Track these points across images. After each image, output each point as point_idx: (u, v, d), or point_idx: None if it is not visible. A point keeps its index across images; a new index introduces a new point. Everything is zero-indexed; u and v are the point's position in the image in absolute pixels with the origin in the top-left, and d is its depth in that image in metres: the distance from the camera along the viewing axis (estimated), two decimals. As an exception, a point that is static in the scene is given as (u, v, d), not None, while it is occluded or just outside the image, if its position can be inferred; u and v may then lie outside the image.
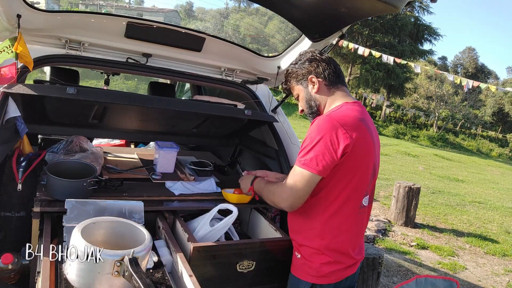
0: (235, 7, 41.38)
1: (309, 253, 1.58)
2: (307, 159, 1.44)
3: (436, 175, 11.93)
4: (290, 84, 1.70)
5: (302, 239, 1.60)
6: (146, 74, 2.25)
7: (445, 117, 29.13)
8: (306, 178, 1.45)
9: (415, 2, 17.66)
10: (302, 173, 1.46)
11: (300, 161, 1.46)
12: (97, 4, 29.45)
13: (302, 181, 1.46)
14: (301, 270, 1.61)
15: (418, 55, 28.30)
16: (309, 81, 1.62)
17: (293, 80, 1.68)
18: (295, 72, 1.66)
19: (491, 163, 20.68)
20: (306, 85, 1.64)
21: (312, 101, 1.63)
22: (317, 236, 1.56)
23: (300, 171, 1.46)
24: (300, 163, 1.46)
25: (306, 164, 1.44)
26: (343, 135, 1.43)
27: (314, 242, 1.57)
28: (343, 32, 1.88)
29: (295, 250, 1.65)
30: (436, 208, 7.42)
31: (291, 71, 1.68)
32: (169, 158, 2.24)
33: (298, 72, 1.65)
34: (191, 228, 1.74)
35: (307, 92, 1.64)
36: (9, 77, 1.67)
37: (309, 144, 1.45)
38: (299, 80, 1.66)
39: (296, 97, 1.70)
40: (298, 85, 1.67)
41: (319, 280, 1.57)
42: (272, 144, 2.35)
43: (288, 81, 1.71)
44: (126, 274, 1.11)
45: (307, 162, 1.44)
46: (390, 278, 3.95)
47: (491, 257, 5.18)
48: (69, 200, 1.54)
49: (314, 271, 1.57)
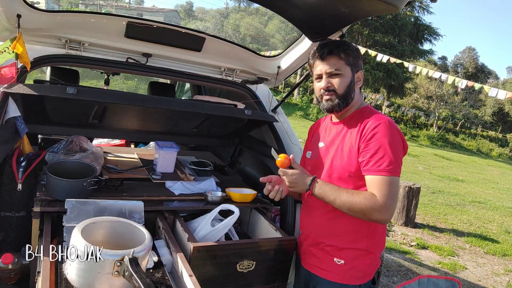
0: (235, 7, 41.38)
1: (354, 256, 1.55)
2: (394, 166, 1.43)
3: (436, 175, 11.93)
4: (344, 59, 1.54)
5: (345, 242, 1.55)
6: (146, 74, 2.24)
7: (445, 117, 29.12)
8: (397, 185, 1.46)
9: (415, 2, 17.67)
10: (395, 180, 1.44)
11: (389, 170, 1.42)
12: (97, 4, 29.46)
13: (396, 188, 1.45)
14: (346, 276, 1.56)
15: (418, 55, 28.33)
16: (358, 74, 1.58)
17: (350, 59, 1.55)
18: (355, 56, 1.56)
19: (491, 163, 20.68)
20: (354, 74, 1.57)
21: (352, 92, 1.57)
22: (365, 236, 1.54)
23: (392, 179, 1.43)
24: (389, 172, 1.42)
25: (393, 171, 1.43)
26: (403, 137, 1.50)
27: (361, 243, 1.54)
28: (343, 32, 1.88)
29: (332, 257, 1.58)
30: (436, 208, 7.42)
31: (354, 53, 1.56)
32: (169, 158, 2.24)
33: (357, 59, 1.57)
34: (191, 228, 1.74)
35: (353, 81, 1.57)
36: (9, 77, 1.67)
37: (388, 150, 1.43)
38: (352, 65, 1.56)
39: (332, 72, 1.54)
40: (347, 68, 1.55)
41: (364, 280, 1.57)
42: (272, 144, 2.35)
43: (346, 56, 1.54)
44: (126, 274, 1.11)
45: (393, 169, 1.42)
46: (390, 278, 3.95)
47: (491, 257, 5.18)
48: (69, 200, 1.54)
49: (361, 273, 1.55)
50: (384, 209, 1.40)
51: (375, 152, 1.43)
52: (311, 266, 1.65)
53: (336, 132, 1.63)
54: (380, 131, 1.45)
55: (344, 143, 1.56)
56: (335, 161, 1.57)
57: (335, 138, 1.61)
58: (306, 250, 1.69)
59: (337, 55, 1.54)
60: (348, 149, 1.53)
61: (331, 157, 1.59)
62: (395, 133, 1.47)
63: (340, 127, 1.62)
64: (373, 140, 1.44)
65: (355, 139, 1.51)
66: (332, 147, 1.61)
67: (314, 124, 1.85)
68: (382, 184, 1.41)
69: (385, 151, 1.42)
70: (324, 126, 1.73)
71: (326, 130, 1.70)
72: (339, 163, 1.55)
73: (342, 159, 1.54)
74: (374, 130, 1.45)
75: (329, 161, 1.59)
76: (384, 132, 1.44)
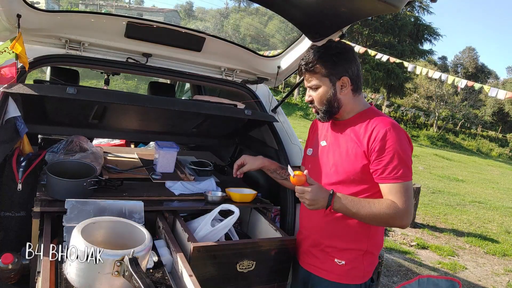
0: (235, 7, 41.39)
1: (355, 256, 1.56)
2: (408, 171, 1.45)
3: (436, 175, 11.94)
4: (319, 72, 1.51)
5: (346, 243, 1.56)
6: (146, 74, 2.24)
7: (445, 117, 29.12)
8: (412, 188, 1.48)
9: (415, 2, 17.66)
10: (410, 185, 1.46)
11: (404, 176, 1.44)
12: (97, 4, 29.46)
13: (412, 192, 1.47)
14: (348, 276, 1.56)
15: (418, 55, 28.33)
16: (342, 81, 1.52)
17: (326, 70, 1.50)
18: (334, 62, 1.49)
19: (491, 163, 20.68)
20: (334, 84, 1.52)
21: (335, 102, 1.54)
22: (366, 236, 1.56)
23: (408, 185, 1.45)
24: (405, 178, 1.44)
25: (408, 176, 1.45)
26: (409, 139, 1.52)
27: (361, 243, 1.56)
28: (343, 32, 1.88)
29: (332, 257, 1.58)
30: (436, 208, 7.42)
31: (331, 60, 1.50)
32: (169, 158, 2.24)
33: (336, 65, 1.50)
34: (191, 228, 1.74)
35: (334, 91, 1.52)
36: (9, 77, 1.67)
37: (400, 157, 1.44)
38: (331, 75, 1.51)
39: (310, 86, 1.55)
40: (325, 79, 1.52)
41: (365, 279, 1.58)
42: (272, 144, 2.35)
43: (323, 68, 1.50)
44: (126, 274, 1.11)
45: (408, 174, 1.45)
46: (390, 278, 3.95)
47: (491, 257, 5.18)
48: (69, 200, 1.54)
49: (362, 272, 1.57)
50: (406, 215, 1.44)
51: (390, 160, 1.44)
52: (310, 266, 1.66)
53: (339, 131, 1.61)
54: (390, 138, 1.45)
55: (348, 145, 1.54)
56: (336, 162, 1.56)
57: (338, 138, 1.60)
58: (306, 250, 1.69)
59: (311, 71, 1.53)
60: (353, 153, 1.51)
61: (333, 157, 1.59)
62: (403, 137, 1.48)
63: (342, 126, 1.61)
64: (386, 149, 1.44)
65: (361, 144, 1.50)
66: (334, 147, 1.60)
67: (315, 121, 1.83)
68: (401, 191, 1.44)
69: (399, 158, 1.44)
70: (326, 124, 1.71)
71: (328, 128, 1.69)
72: (341, 165, 1.54)
73: (344, 162, 1.54)
74: (385, 138, 1.45)
75: (330, 161, 1.59)
76: (395, 140, 1.45)
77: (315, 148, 1.71)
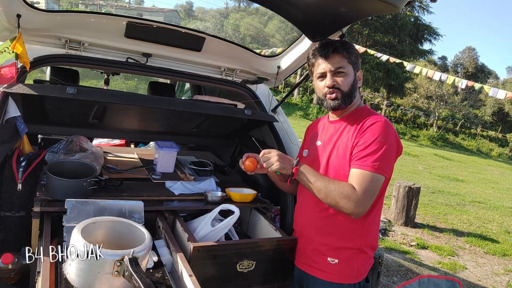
0: (235, 7, 41.40)
1: (349, 255, 1.55)
2: (381, 164, 1.42)
3: (436, 175, 11.94)
4: (346, 57, 1.55)
5: (339, 241, 1.55)
6: (146, 74, 2.24)
7: (445, 117, 29.13)
8: (380, 183, 1.45)
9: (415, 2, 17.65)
10: (378, 178, 1.43)
11: (374, 166, 1.42)
12: (97, 4, 29.46)
13: (377, 186, 1.44)
14: (341, 275, 1.55)
15: (418, 55, 28.34)
16: (358, 73, 1.59)
17: (352, 57, 1.56)
18: (356, 55, 1.58)
19: (491, 163, 20.69)
20: (355, 73, 1.58)
21: (355, 91, 1.58)
22: (359, 235, 1.55)
23: (375, 176, 1.42)
24: (374, 168, 1.41)
25: (380, 169, 1.42)
26: (398, 140, 1.51)
27: (355, 242, 1.55)
28: (343, 32, 1.88)
29: (325, 256, 1.57)
30: (436, 208, 7.42)
31: (355, 52, 1.57)
32: (169, 158, 2.24)
33: (357, 58, 1.58)
34: (191, 228, 1.74)
35: (355, 79, 1.58)
36: (9, 77, 1.67)
37: (379, 148, 1.43)
38: (354, 64, 1.57)
39: (336, 70, 1.54)
40: (350, 67, 1.56)
41: (358, 279, 1.57)
42: (272, 144, 2.35)
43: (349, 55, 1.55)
44: (126, 274, 1.11)
45: (381, 167, 1.42)
46: (390, 278, 3.95)
47: (491, 257, 5.18)
48: (69, 200, 1.54)
49: (355, 272, 1.56)
50: (359, 202, 1.41)
51: (365, 147, 1.45)
52: (304, 265, 1.66)
53: (333, 130, 1.63)
54: (375, 128, 1.46)
55: (342, 141, 1.57)
56: (331, 159, 1.58)
57: (332, 136, 1.62)
58: (300, 249, 1.69)
59: (341, 53, 1.55)
60: (344, 147, 1.54)
61: (328, 154, 1.59)
62: (390, 133, 1.47)
63: (338, 125, 1.63)
64: (366, 136, 1.46)
65: (351, 137, 1.52)
66: (329, 145, 1.61)
67: (311, 124, 1.86)
68: (364, 179, 1.42)
69: (375, 147, 1.43)
70: (322, 125, 1.73)
71: (323, 129, 1.71)
72: (336, 161, 1.56)
73: (338, 157, 1.55)
74: (370, 127, 1.47)
75: (325, 159, 1.60)
76: (379, 130, 1.45)
77: (311, 148, 1.72)
